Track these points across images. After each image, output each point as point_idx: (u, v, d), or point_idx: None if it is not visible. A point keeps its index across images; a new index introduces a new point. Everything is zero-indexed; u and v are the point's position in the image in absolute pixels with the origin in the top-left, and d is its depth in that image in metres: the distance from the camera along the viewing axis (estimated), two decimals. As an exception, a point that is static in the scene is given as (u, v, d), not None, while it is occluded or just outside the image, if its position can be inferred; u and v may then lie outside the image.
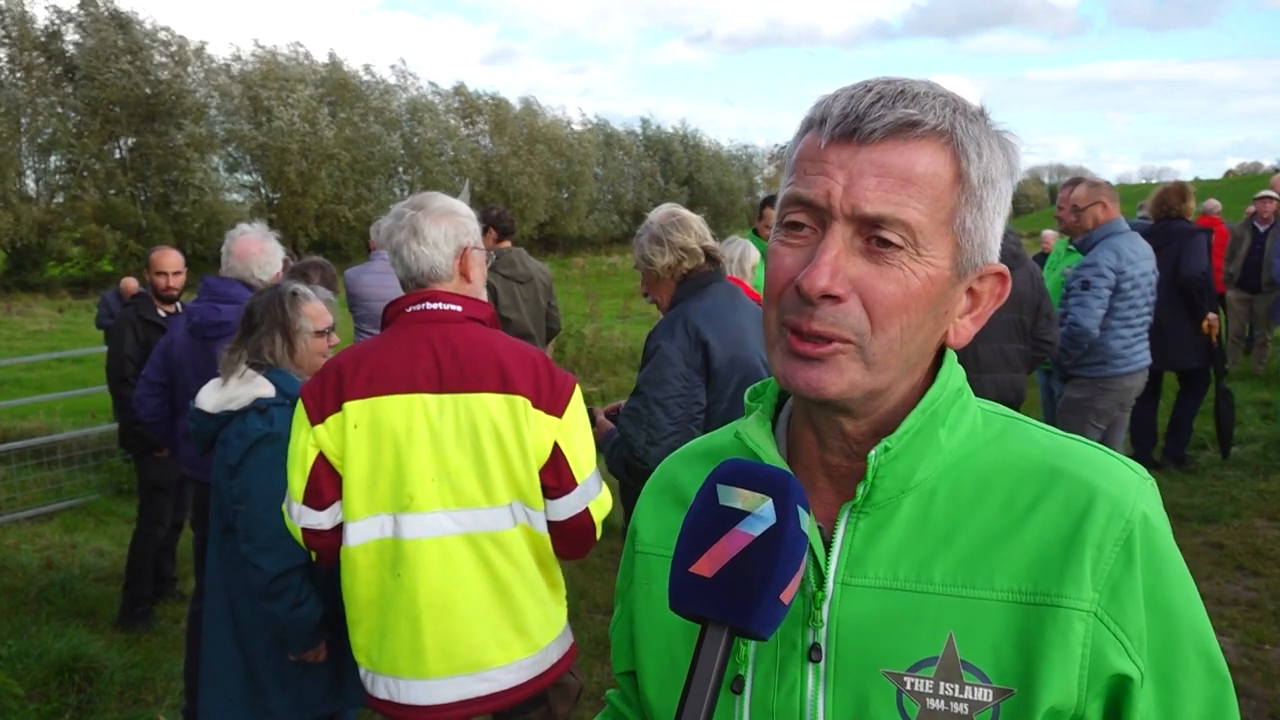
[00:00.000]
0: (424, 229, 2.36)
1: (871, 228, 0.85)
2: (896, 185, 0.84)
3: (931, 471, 0.91)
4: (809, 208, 0.87)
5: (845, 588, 0.90)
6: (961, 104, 0.89)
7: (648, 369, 3.04)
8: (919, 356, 0.90)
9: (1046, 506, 0.88)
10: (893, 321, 0.86)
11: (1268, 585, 4.97)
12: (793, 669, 0.91)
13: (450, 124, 43.27)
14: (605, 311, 17.35)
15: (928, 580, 0.88)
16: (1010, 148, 0.91)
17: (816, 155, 0.87)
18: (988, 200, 0.89)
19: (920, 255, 0.86)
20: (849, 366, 0.87)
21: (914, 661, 0.87)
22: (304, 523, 2.33)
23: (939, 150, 0.86)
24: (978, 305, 0.93)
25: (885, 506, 0.91)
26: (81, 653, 4.36)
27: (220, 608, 2.87)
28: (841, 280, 0.85)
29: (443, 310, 2.35)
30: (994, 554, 0.88)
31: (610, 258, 38.75)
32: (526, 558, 2.39)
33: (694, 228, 3.19)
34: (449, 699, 2.32)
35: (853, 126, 0.85)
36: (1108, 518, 0.87)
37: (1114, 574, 0.86)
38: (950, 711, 0.85)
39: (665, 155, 54.75)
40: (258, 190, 38.77)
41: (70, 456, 7.63)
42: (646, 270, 3.20)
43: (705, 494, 0.85)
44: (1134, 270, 4.99)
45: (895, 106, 0.85)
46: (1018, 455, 0.92)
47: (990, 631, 0.86)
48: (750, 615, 0.79)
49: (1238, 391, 7.53)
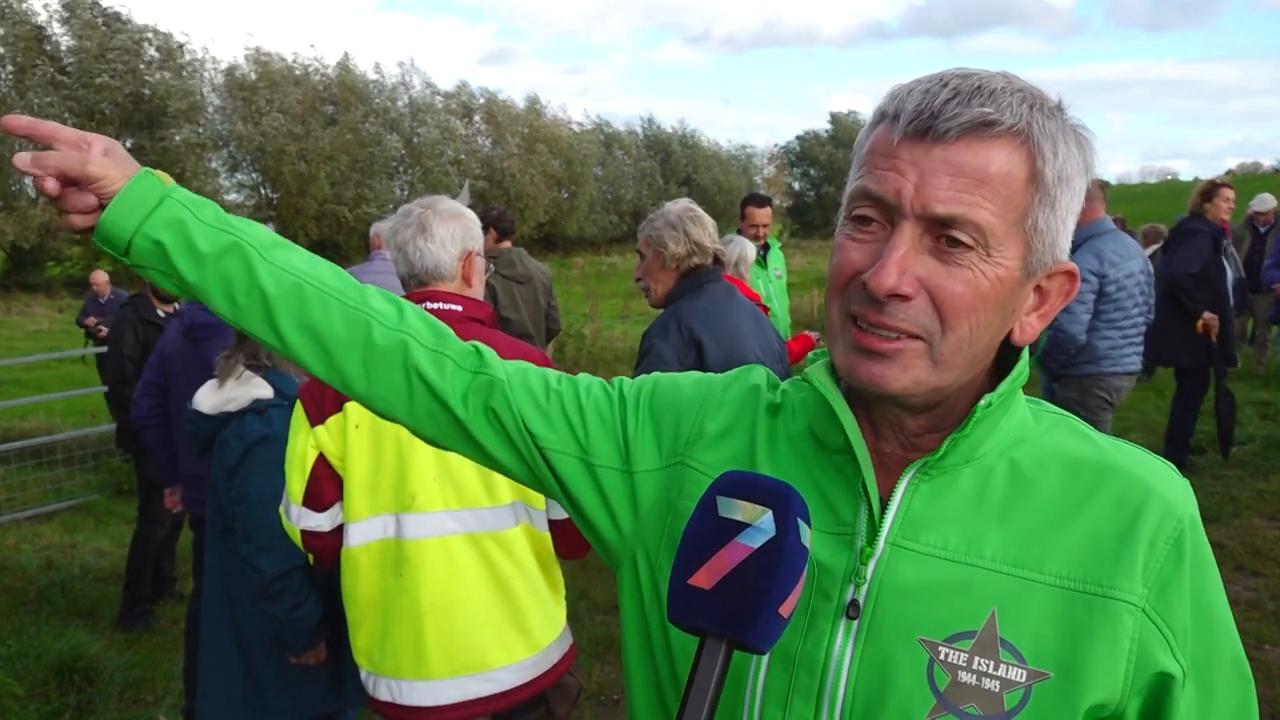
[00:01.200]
0: (432, 226, 2.36)
1: (942, 227, 0.84)
2: (969, 185, 0.83)
3: (992, 449, 0.91)
4: (878, 203, 0.86)
5: (895, 549, 0.90)
6: (1039, 99, 0.87)
7: (640, 368, 3.04)
8: (984, 355, 0.90)
9: (1101, 498, 0.89)
10: (961, 321, 0.85)
11: (1267, 585, 4.97)
12: (824, 621, 0.91)
13: (451, 124, 43.25)
14: (605, 311, 17.35)
15: (977, 554, 0.88)
16: (1086, 144, 0.89)
17: (889, 151, 0.86)
18: (1061, 199, 0.87)
19: (990, 256, 0.85)
20: (915, 363, 0.86)
21: (952, 633, 0.87)
22: (304, 525, 2.33)
23: (1014, 150, 0.84)
24: (1045, 303, 0.92)
25: (949, 473, 0.91)
26: (81, 653, 4.36)
27: (219, 608, 2.87)
28: (909, 279, 0.84)
29: (443, 310, 2.35)
30: (1046, 538, 0.88)
31: (610, 258, 38.74)
32: (528, 557, 2.39)
33: (709, 227, 3.19)
34: (451, 700, 2.32)
35: (927, 124, 0.84)
36: (1161, 516, 0.88)
37: (1164, 572, 0.87)
38: (980, 687, 0.85)
39: (665, 156, 54.75)
40: (257, 190, 38.76)
41: (70, 456, 7.63)
42: (655, 254, 3.17)
43: (705, 505, 0.84)
44: (1117, 272, 4.94)
45: (971, 104, 0.83)
46: (1074, 446, 0.93)
47: (1033, 613, 0.86)
48: (749, 628, 0.78)
49: (1238, 391, 7.53)
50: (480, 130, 46.08)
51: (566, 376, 1.11)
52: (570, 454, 1.05)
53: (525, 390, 1.06)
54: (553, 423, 1.05)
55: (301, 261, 1.04)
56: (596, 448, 1.05)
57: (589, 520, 1.06)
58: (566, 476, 1.05)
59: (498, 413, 1.05)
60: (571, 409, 1.06)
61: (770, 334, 3.30)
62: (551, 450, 1.05)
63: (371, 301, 1.04)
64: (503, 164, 43.19)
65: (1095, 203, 5.09)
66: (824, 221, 61.29)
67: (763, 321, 3.30)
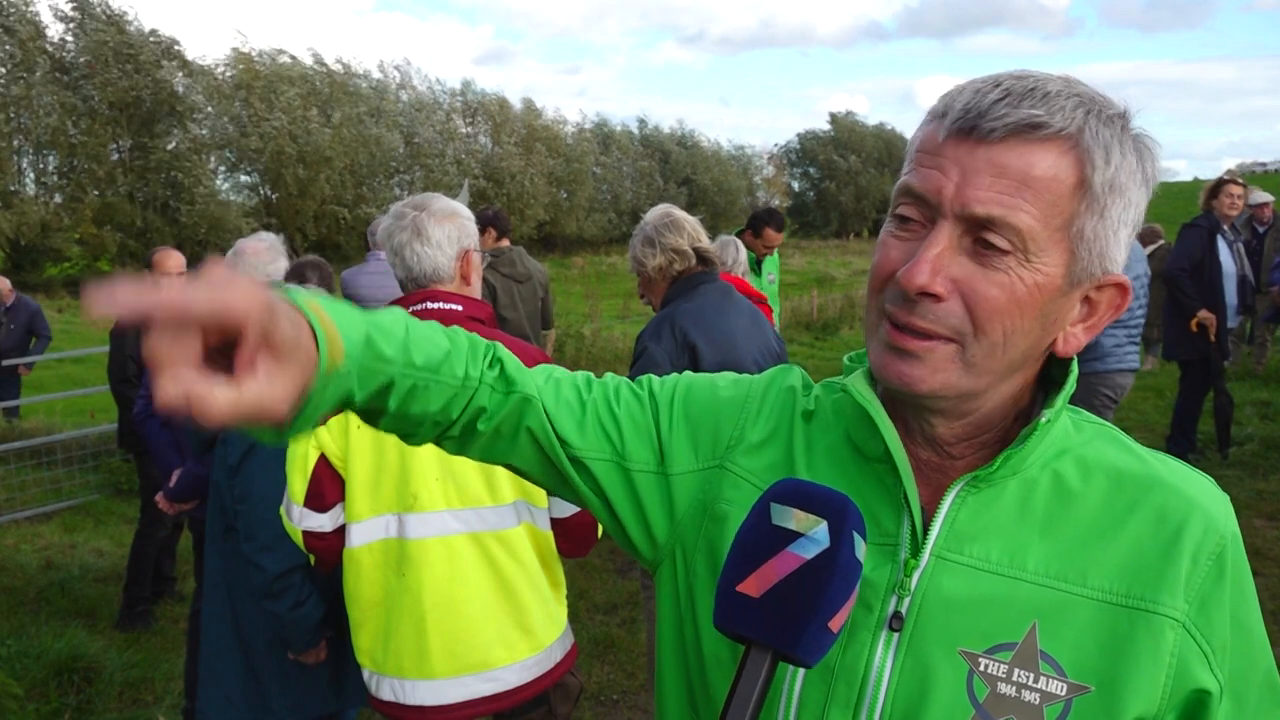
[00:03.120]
0: (428, 229, 2.36)
1: (980, 229, 0.82)
2: (1011, 188, 0.81)
3: (1036, 460, 0.90)
4: (919, 201, 0.85)
5: (940, 561, 0.89)
6: (1098, 104, 0.84)
7: (633, 371, 3.04)
8: (1021, 363, 0.88)
9: (1144, 512, 0.88)
10: (994, 325, 0.83)
11: (1267, 585, 4.97)
12: (864, 632, 0.89)
13: (451, 124, 43.25)
14: (604, 311, 17.34)
15: (1020, 567, 0.87)
16: (1147, 154, 0.87)
17: (934, 148, 0.85)
18: (1112, 208, 0.84)
19: (1030, 261, 0.82)
20: (946, 366, 0.85)
21: (992, 644, 0.86)
22: (305, 525, 2.33)
23: (1062, 154, 0.82)
24: (1093, 314, 0.90)
25: (997, 485, 0.90)
26: (81, 653, 4.35)
27: (220, 607, 2.87)
28: (943, 279, 0.82)
29: (443, 310, 2.35)
30: (1089, 551, 0.87)
31: (609, 258, 38.73)
32: (530, 556, 2.39)
33: (687, 229, 3.19)
34: (455, 699, 2.32)
35: (973, 123, 0.82)
36: (1204, 531, 0.87)
37: (1205, 587, 0.86)
38: (1020, 699, 0.85)
39: (663, 156, 54.74)
40: (257, 190, 38.74)
41: (70, 456, 7.62)
42: (640, 273, 3.20)
43: (758, 511, 0.82)
44: (1128, 274, 5.00)
45: (1021, 105, 0.82)
46: (1116, 458, 0.92)
47: (1075, 626, 0.85)
48: (796, 641, 0.76)
49: (1237, 391, 7.53)
50: (479, 130, 46.08)
51: (594, 380, 1.08)
52: (606, 459, 1.02)
53: (558, 404, 1.03)
54: (587, 432, 1.03)
55: (419, 355, 0.93)
56: (632, 452, 1.02)
57: (624, 524, 1.04)
58: (603, 482, 1.03)
59: (533, 431, 1.02)
60: (605, 415, 1.03)
61: (769, 335, 3.29)
62: (587, 458, 1.02)
63: (456, 369, 0.96)
64: (502, 164, 43.20)
65: None
66: (824, 222, 61.32)
67: (761, 322, 3.30)
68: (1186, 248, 6.62)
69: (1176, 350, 6.77)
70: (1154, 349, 10.48)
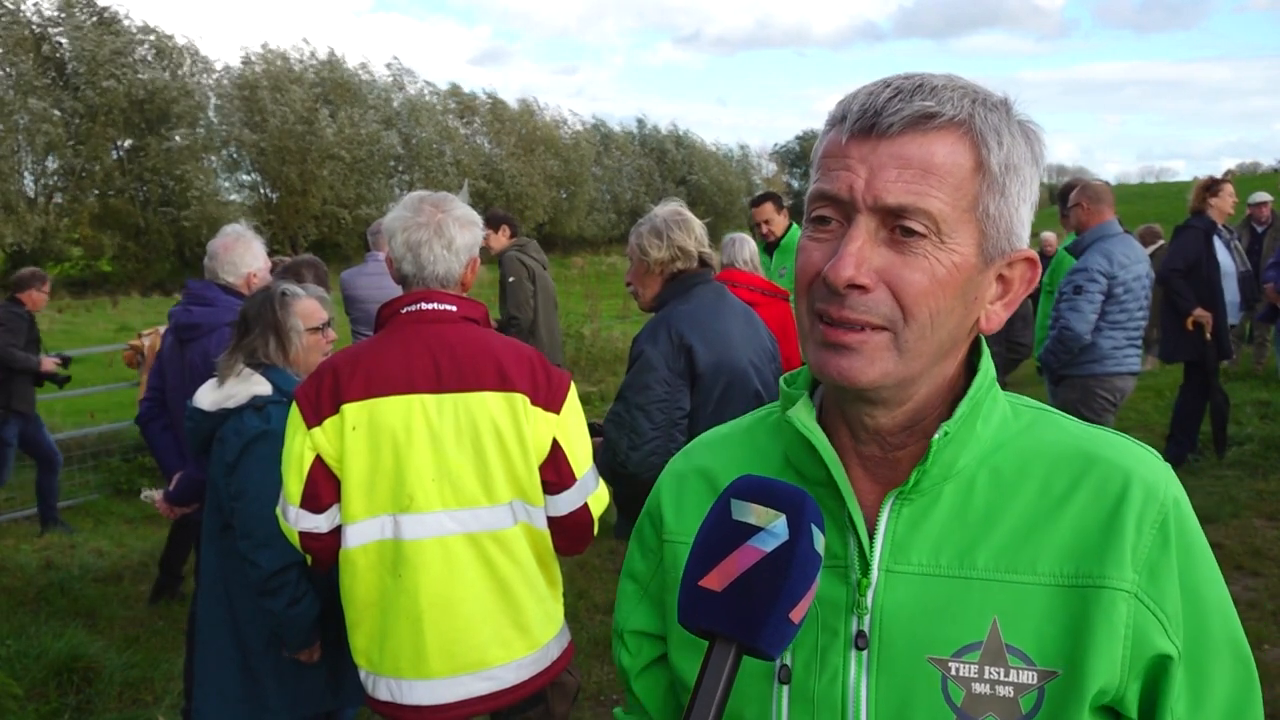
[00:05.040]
0: (451, 233, 2.36)
1: (895, 218, 0.86)
2: (917, 176, 0.85)
3: (971, 460, 0.92)
4: (834, 202, 0.89)
5: (890, 574, 0.91)
6: (981, 95, 0.90)
7: (631, 374, 3.05)
8: (950, 343, 0.91)
9: (1083, 491, 0.90)
10: (921, 308, 0.86)
11: (1267, 585, 4.97)
12: (834, 657, 0.91)
13: (449, 124, 43.24)
14: (604, 311, 17.32)
15: (970, 566, 0.89)
16: (1033, 136, 0.92)
17: (839, 151, 0.89)
18: (1011, 187, 0.89)
19: (944, 243, 0.87)
20: (881, 354, 0.87)
21: (958, 647, 0.88)
22: (301, 526, 2.33)
23: (958, 140, 0.87)
24: (1009, 291, 0.94)
25: (929, 493, 0.92)
26: (80, 653, 4.36)
27: (217, 606, 2.87)
28: (867, 271, 0.86)
29: (438, 310, 2.35)
30: (1034, 539, 0.89)
31: (610, 258, 38.71)
32: (527, 555, 2.39)
33: (695, 231, 3.19)
34: (451, 699, 2.32)
35: (871, 121, 0.87)
36: (1144, 501, 0.89)
37: (1151, 555, 0.87)
38: (995, 695, 0.87)
39: (660, 156, 54.73)
40: (257, 190, 38.73)
41: (69, 456, 7.63)
42: (639, 261, 3.20)
43: (719, 508, 0.84)
44: (1126, 274, 4.99)
45: (913, 100, 0.86)
46: (1051, 443, 0.94)
47: (1034, 615, 0.87)
48: (758, 633, 0.78)
49: (1237, 391, 7.53)
50: (479, 130, 46.08)
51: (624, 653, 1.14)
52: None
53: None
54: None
55: None
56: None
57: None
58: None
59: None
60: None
61: (762, 335, 3.30)
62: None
63: None
64: (502, 164, 43.20)
65: (1104, 205, 5.13)
66: (824, 221, 61.14)
67: (755, 322, 3.31)
68: (1181, 248, 6.62)
69: (1175, 352, 6.76)
70: (1154, 349, 10.50)
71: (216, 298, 3.77)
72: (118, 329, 18.06)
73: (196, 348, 3.68)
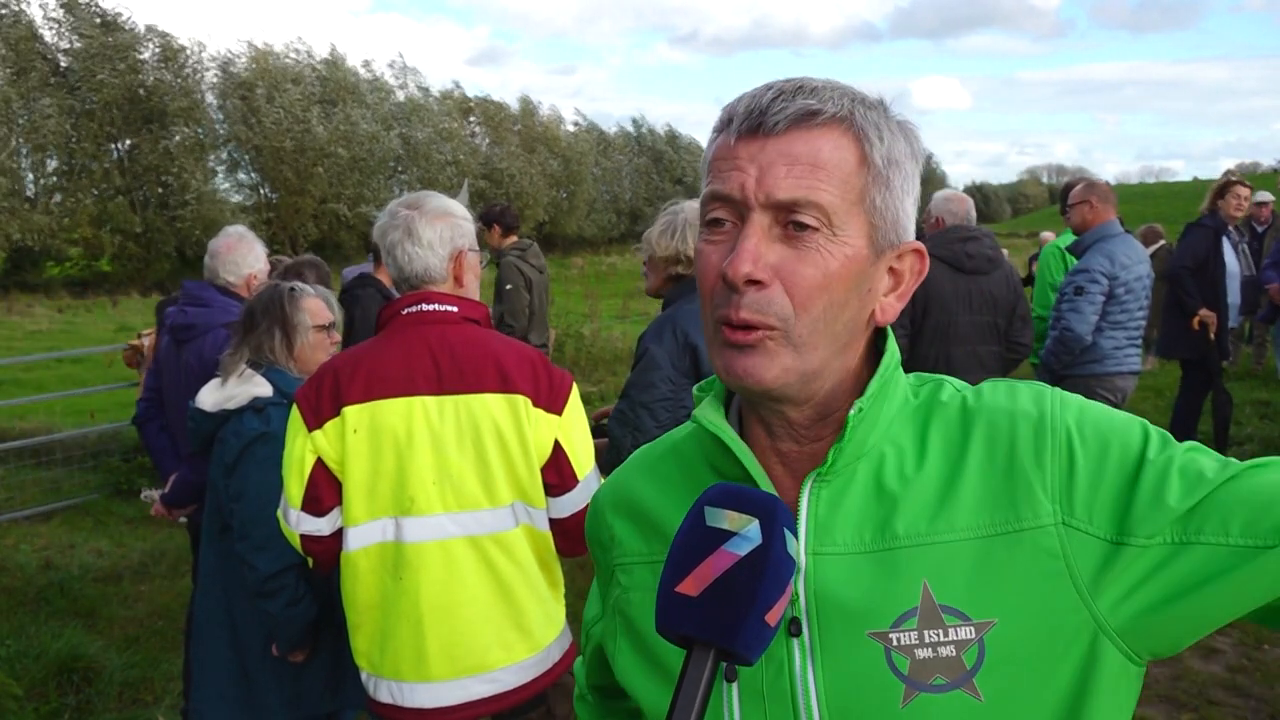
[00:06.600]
0: (419, 230, 2.35)
1: (787, 213, 0.89)
2: (805, 171, 0.88)
3: (879, 437, 0.95)
4: (727, 202, 0.91)
5: (817, 558, 0.93)
6: (859, 95, 0.93)
7: (635, 372, 3.06)
8: (847, 336, 0.93)
9: (977, 443, 0.93)
10: (815, 302, 0.89)
11: (1267, 585, 4.96)
12: (777, 648, 0.92)
13: (448, 125, 43.20)
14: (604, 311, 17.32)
15: (892, 537, 0.91)
16: (911, 133, 0.95)
17: (728, 153, 0.91)
18: (894, 180, 0.93)
19: (836, 235, 0.89)
20: (778, 352, 0.90)
21: (895, 617, 0.89)
22: (303, 529, 2.32)
23: (841, 135, 0.90)
24: (900, 283, 0.97)
25: (844, 473, 0.94)
26: (80, 653, 4.36)
27: (215, 607, 2.87)
28: (763, 266, 0.88)
29: (439, 311, 2.34)
30: (947, 499, 0.91)
31: (609, 257, 38.73)
32: (528, 557, 2.39)
33: None
34: (453, 701, 2.32)
35: (758, 121, 0.90)
36: (1034, 436, 0.91)
37: (1062, 482, 0.89)
38: (939, 656, 0.88)
39: (656, 156, 54.76)
40: (256, 190, 38.71)
41: (69, 456, 7.63)
42: (649, 249, 3.23)
43: (694, 515, 0.85)
44: (1127, 275, 4.99)
45: (795, 99, 0.90)
46: (942, 406, 0.97)
47: (961, 570, 0.89)
48: (735, 636, 0.79)
49: (1237, 391, 7.52)
50: (478, 130, 46.06)
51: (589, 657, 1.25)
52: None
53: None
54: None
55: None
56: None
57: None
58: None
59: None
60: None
61: None
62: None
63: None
64: (502, 164, 43.19)
65: (1106, 205, 5.12)
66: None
67: None
68: (1191, 247, 6.62)
69: (1173, 348, 6.79)
70: (1153, 348, 10.50)
71: (212, 299, 3.78)
72: (117, 329, 18.07)
73: (192, 349, 3.68)
